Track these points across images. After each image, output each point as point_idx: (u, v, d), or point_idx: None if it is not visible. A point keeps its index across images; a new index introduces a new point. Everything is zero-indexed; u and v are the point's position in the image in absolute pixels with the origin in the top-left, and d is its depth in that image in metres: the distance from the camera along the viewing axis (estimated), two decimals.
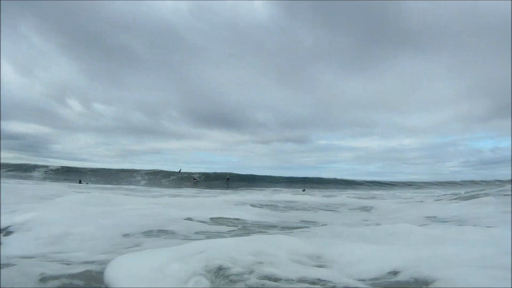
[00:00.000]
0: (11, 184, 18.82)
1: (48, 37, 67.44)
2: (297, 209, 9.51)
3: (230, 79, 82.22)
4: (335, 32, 76.32)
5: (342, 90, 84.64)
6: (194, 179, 45.90)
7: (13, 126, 62.52)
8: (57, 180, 38.37)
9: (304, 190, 33.31)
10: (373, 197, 19.59)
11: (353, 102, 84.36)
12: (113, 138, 67.43)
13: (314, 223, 6.91)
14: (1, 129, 59.17)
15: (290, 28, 76.51)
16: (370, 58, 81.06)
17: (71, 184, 28.86)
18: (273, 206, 9.67)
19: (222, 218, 6.86)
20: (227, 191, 27.67)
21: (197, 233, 5.19)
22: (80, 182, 33.98)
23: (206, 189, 30.68)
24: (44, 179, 40.55)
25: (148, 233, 4.99)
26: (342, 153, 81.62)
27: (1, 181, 19.59)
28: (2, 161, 44.62)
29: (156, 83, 77.62)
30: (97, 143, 64.26)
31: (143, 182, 43.40)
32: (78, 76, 71.03)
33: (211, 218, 6.43)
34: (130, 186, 29.98)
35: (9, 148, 67.44)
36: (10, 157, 42.84)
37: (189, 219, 6.02)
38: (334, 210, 9.91)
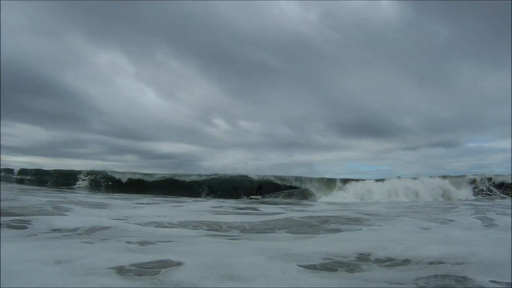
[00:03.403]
0: None
1: (185, 61, 77.29)
2: None
3: (369, 85, 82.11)
4: (467, 24, 72.26)
5: (485, 86, 79.29)
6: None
7: (163, 147, 72.24)
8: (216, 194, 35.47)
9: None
10: None
11: (500, 98, 79.14)
12: (261, 153, 73.00)
13: None
14: (153, 149, 67.53)
15: (421, 24, 73.76)
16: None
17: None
18: None
19: None
20: None
21: None
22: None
23: None
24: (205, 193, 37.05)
25: None
26: (493, 155, 77.40)
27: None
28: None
29: (298, 96, 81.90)
30: (246, 158, 69.62)
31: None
32: (220, 96, 79.18)
33: None
34: None
35: (161, 167, 76.99)
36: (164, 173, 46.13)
37: None
38: None
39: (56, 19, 60.38)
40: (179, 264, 4.66)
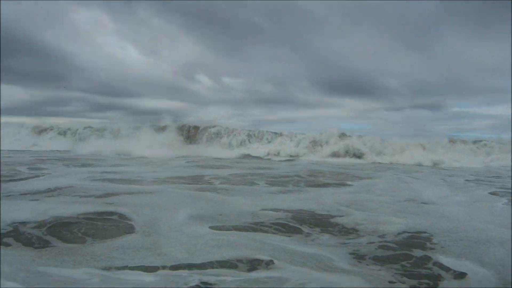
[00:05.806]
0: None
1: (167, 19, 74.05)
2: None
3: (356, 46, 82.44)
4: None
5: (473, 55, 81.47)
6: None
7: (145, 103, 71.37)
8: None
9: None
10: None
11: (488, 67, 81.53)
12: (245, 109, 74.33)
13: None
14: (135, 106, 65.33)
15: None
16: (502, 21, 75.66)
17: None
18: None
19: None
20: None
21: None
22: None
23: None
24: None
25: None
26: (476, 121, 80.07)
27: None
28: None
29: (283, 55, 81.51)
30: (230, 115, 69.96)
31: None
32: (204, 53, 77.72)
33: None
34: None
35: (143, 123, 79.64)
36: None
37: None
38: None
39: None
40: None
